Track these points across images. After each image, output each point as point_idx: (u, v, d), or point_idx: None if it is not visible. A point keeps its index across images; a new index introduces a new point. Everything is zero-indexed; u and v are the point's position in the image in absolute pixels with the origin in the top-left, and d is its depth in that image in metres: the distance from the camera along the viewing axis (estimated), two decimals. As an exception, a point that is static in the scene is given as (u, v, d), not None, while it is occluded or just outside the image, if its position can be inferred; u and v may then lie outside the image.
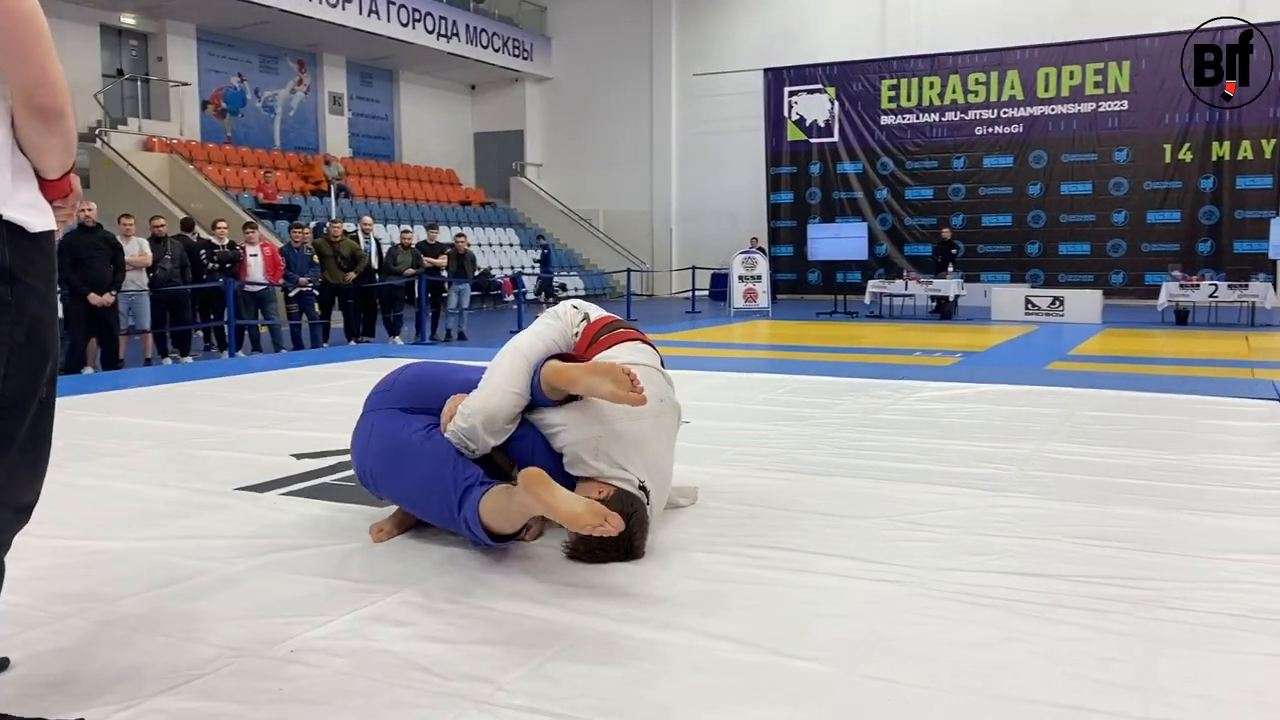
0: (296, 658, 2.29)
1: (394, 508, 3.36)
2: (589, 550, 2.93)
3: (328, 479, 4.10)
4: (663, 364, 3.37)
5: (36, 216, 1.85)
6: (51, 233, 1.90)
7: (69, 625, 2.48)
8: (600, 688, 2.14)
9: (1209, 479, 3.94)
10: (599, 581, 2.79)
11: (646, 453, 3.11)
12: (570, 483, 3.08)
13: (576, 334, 3.33)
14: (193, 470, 4.23)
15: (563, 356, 3.18)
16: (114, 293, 9.58)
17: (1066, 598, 2.61)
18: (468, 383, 3.25)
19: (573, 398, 3.07)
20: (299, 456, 4.50)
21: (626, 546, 2.92)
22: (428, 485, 3.03)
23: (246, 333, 11.59)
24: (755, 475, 4.10)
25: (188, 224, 12.32)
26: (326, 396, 6.34)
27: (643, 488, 3.03)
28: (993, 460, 4.31)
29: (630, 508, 2.94)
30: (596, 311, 3.41)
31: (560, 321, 3.33)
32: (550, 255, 22.34)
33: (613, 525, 2.63)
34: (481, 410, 3.04)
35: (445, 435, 3.10)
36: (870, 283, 18.47)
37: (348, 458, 4.17)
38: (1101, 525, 3.29)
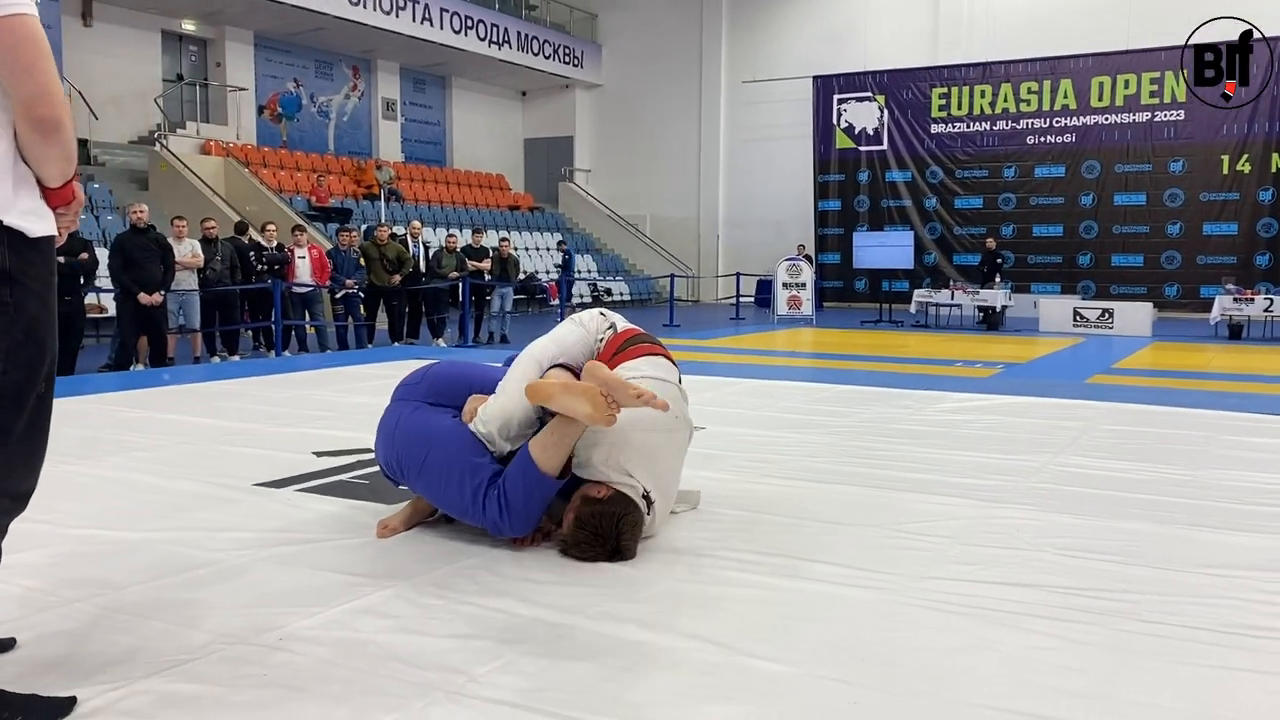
0: (284, 646, 2.40)
1: (402, 504, 3.46)
2: (576, 544, 3.03)
3: (345, 476, 4.21)
4: (680, 380, 3.43)
5: (37, 223, 1.98)
6: (52, 238, 2.02)
7: (76, 610, 2.61)
8: (570, 683, 2.21)
9: (1214, 494, 3.91)
10: (587, 582, 2.86)
11: (654, 464, 3.18)
12: (578, 484, 3.17)
13: (601, 342, 3.40)
14: (216, 466, 4.38)
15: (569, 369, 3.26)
16: (163, 292, 9.84)
17: (1041, 608, 2.64)
18: (493, 382, 3.35)
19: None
20: (320, 454, 4.63)
21: (614, 546, 3.00)
22: (451, 467, 3.12)
23: (293, 333, 11.84)
24: (761, 482, 4.15)
25: (241, 227, 12.61)
26: (357, 396, 6.48)
27: (646, 497, 3.10)
28: (1000, 472, 4.32)
29: (624, 509, 3.02)
30: (623, 323, 3.48)
31: (583, 329, 3.40)
32: (571, 260, 22.27)
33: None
34: (498, 416, 3.15)
35: None
36: (916, 292, 18.28)
37: (367, 456, 4.31)
38: (1094, 538, 3.30)
